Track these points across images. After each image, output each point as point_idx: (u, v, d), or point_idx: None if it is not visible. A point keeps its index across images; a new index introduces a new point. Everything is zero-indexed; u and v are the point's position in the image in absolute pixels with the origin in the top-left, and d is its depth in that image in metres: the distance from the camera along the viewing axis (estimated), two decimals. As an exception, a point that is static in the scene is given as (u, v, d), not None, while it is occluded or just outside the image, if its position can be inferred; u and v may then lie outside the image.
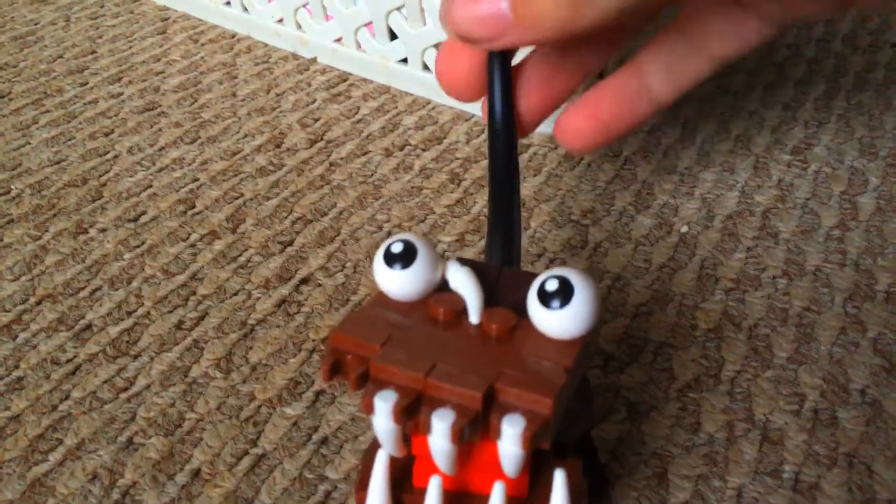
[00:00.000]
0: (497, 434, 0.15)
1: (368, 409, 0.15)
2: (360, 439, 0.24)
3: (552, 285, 0.16)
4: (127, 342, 0.27)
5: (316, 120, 0.38)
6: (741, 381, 0.25)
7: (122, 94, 0.41)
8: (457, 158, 0.35)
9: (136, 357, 0.27)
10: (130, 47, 0.45)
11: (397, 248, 0.17)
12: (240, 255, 0.30)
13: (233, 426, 0.24)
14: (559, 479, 0.17)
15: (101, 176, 0.35)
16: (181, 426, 0.24)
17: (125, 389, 0.25)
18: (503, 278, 0.18)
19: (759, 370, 0.25)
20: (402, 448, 0.16)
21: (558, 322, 0.16)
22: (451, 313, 0.17)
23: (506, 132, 0.21)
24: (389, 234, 0.31)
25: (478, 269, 0.18)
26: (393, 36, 0.39)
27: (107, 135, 0.38)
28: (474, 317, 0.17)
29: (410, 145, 0.36)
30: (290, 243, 0.31)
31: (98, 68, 0.43)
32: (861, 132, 0.36)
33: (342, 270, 0.30)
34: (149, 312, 0.28)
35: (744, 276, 0.29)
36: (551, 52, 0.22)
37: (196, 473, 0.23)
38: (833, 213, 0.31)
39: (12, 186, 0.34)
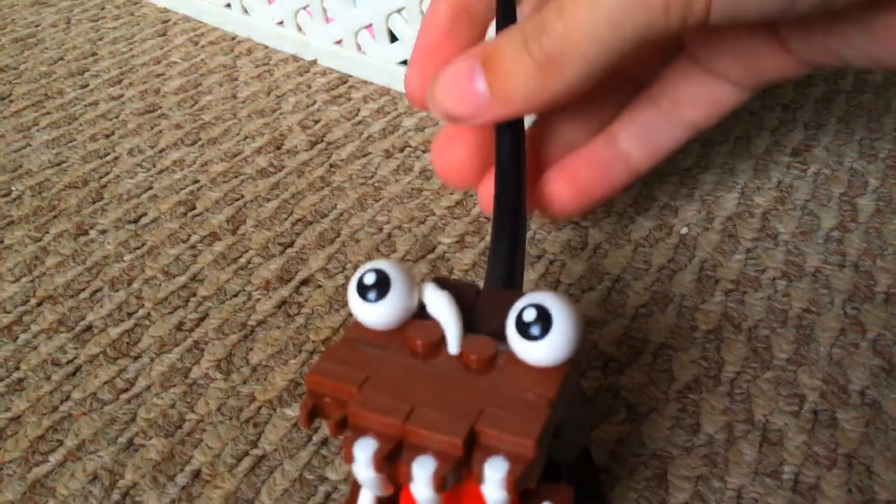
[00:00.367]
0: (480, 480, 0.15)
1: (348, 458, 0.15)
2: (360, 440, 0.24)
3: (530, 315, 0.15)
4: (127, 343, 0.27)
5: (316, 122, 0.38)
6: (741, 382, 0.25)
7: (122, 95, 0.41)
8: (457, 160, 0.35)
9: (136, 358, 0.27)
10: (131, 49, 0.45)
11: (370, 279, 0.16)
12: (240, 257, 0.30)
13: (233, 427, 0.24)
14: None
15: (101, 178, 0.35)
16: (181, 427, 0.24)
17: (125, 390, 0.26)
18: (482, 300, 0.18)
19: (759, 371, 0.25)
20: (388, 488, 0.16)
21: (539, 352, 0.16)
22: (429, 345, 0.16)
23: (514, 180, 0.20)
24: (390, 235, 0.31)
25: (455, 292, 0.17)
26: (393, 38, 0.39)
27: (107, 136, 0.38)
28: (454, 347, 0.16)
29: (411, 147, 0.36)
30: (291, 245, 0.31)
31: (99, 70, 0.43)
32: (861, 134, 0.36)
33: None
34: (149, 314, 0.28)
35: (743, 278, 0.29)
36: (559, 114, 0.23)
37: (196, 474, 0.23)
38: (832, 215, 0.31)
39: (13, 188, 0.34)
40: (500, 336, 0.16)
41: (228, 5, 0.46)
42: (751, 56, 0.21)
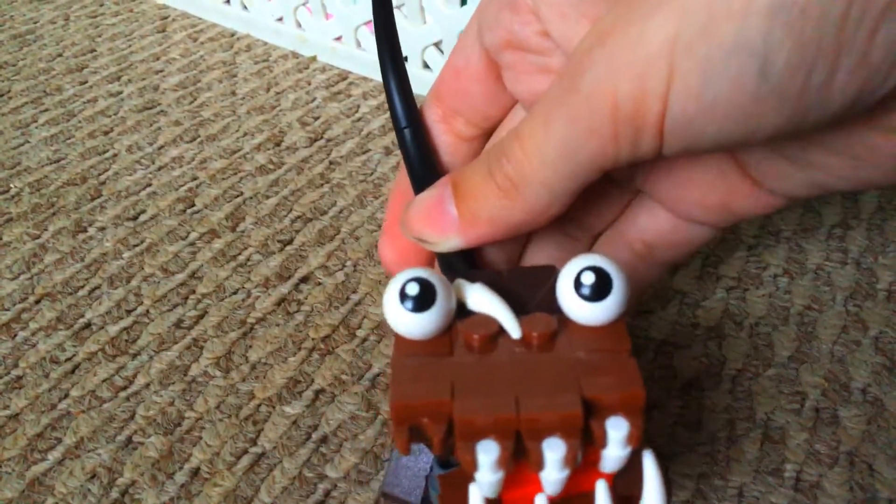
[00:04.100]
0: (603, 443, 0.15)
1: (472, 466, 0.15)
2: (359, 438, 0.24)
3: (589, 278, 0.16)
4: (126, 341, 0.27)
5: (316, 118, 0.38)
6: (742, 379, 0.25)
7: (121, 92, 0.41)
8: (457, 157, 0.35)
9: (135, 356, 0.26)
10: (130, 46, 0.45)
11: (413, 289, 0.16)
12: (239, 254, 0.30)
13: (232, 425, 0.24)
14: (649, 460, 0.16)
15: (100, 174, 0.35)
16: (180, 425, 0.24)
17: (124, 388, 0.25)
18: (509, 282, 0.18)
19: (761, 369, 0.25)
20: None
21: (603, 312, 0.16)
22: (488, 338, 0.16)
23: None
24: (389, 232, 0.31)
25: (486, 281, 0.17)
26: (393, 34, 0.39)
27: (106, 133, 0.37)
28: (516, 332, 0.16)
29: (410, 144, 0.36)
30: (290, 242, 0.31)
31: (97, 67, 0.43)
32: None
33: (342, 269, 0.30)
34: (148, 311, 0.28)
35: (745, 275, 0.28)
36: (543, 239, 0.22)
37: (195, 472, 0.23)
38: (835, 212, 0.31)
39: (11, 185, 0.34)
40: (545, 309, 0.16)
41: (228, 1, 0.46)
42: (715, 193, 0.20)
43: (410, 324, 0.16)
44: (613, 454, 0.15)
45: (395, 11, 0.38)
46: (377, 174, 0.34)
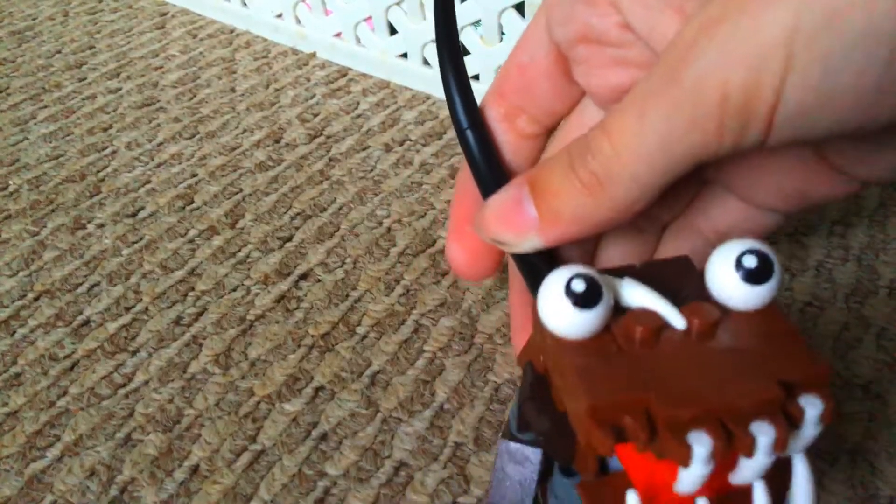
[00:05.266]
0: (799, 423, 0.15)
1: (686, 460, 0.14)
2: (358, 435, 0.24)
3: (752, 261, 0.16)
4: (125, 338, 0.27)
5: (315, 115, 0.38)
6: (743, 376, 0.25)
7: (120, 89, 0.40)
8: (457, 153, 0.35)
9: (134, 353, 0.26)
10: (129, 42, 0.45)
11: (579, 286, 0.15)
12: (239, 251, 0.30)
13: (232, 422, 0.24)
14: (801, 462, 0.16)
15: (99, 171, 0.35)
16: (180, 422, 0.24)
17: (123, 385, 0.25)
18: (648, 275, 0.17)
19: (762, 366, 0.25)
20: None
21: (765, 294, 0.16)
22: (654, 329, 0.16)
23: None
24: (389, 229, 0.31)
25: (631, 275, 0.17)
26: (393, 31, 0.39)
27: (105, 130, 0.37)
28: (680, 323, 0.16)
29: (410, 140, 0.36)
30: (290, 239, 0.31)
31: (96, 63, 0.43)
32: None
33: (342, 266, 0.29)
34: (147, 308, 0.28)
35: (746, 272, 0.28)
36: (608, 237, 0.22)
37: (195, 470, 0.23)
38: (836, 208, 0.31)
39: (10, 182, 0.34)
40: (696, 298, 0.16)
41: (227, -2, 0.45)
42: (792, 181, 0.20)
43: (577, 322, 0.16)
44: (808, 433, 0.15)
45: (394, 8, 0.38)
46: (377, 171, 0.34)
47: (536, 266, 0.19)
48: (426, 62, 0.39)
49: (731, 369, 0.15)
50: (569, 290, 0.15)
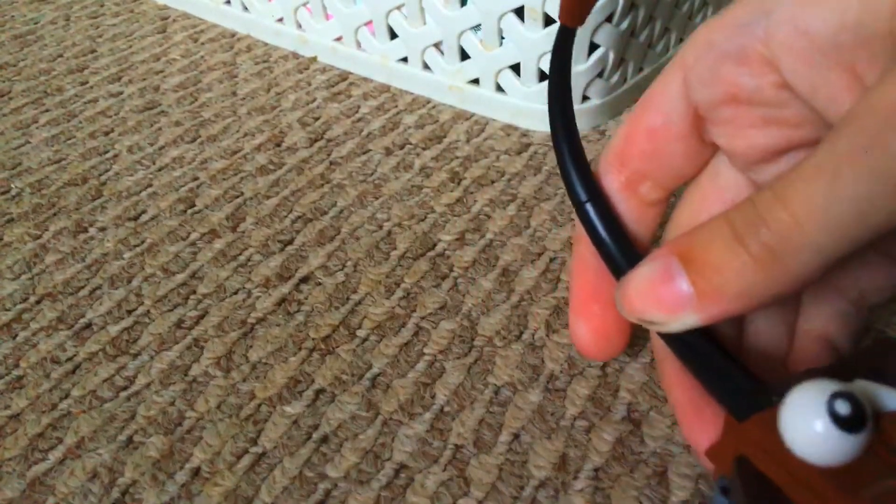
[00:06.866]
0: None
1: None
2: (359, 437, 0.24)
3: None
4: (127, 341, 0.27)
5: (316, 119, 0.38)
6: (742, 379, 0.25)
7: (122, 93, 0.41)
8: (457, 157, 0.35)
9: (136, 356, 0.27)
10: (130, 46, 0.45)
11: (844, 408, 0.14)
12: (240, 254, 0.30)
13: (233, 425, 0.24)
14: None
15: (101, 175, 0.35)
16: (181, 425, 0.24)
17: (125, 388, 0.25)
18: (872, 366, 0.16)
19: (760, 369, 0.25)
20: None
21: None
22: None
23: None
24: (390, 232, 0.31)
25: (869, 377, 0.15)
26: (393, 35, 0.39)
27: (107, 134, 0.38)
28: None
29: (411, 144, 0.36)
30: (290, 242, 0.31)
31: (98, 67, 0.43)
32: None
33: (342, 269, 0.30)
34: (149, 311, 0.28)
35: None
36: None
37: (196, 472, 0.23)
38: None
39: (12, 185, 0.34)
40: None
41: (228, 2, 0.46)
42: None
43: (844, 449, 0.14)
44: None
45: (395, 13, 0.38)
46: (377, 174, 0.34)
47: (691, 345, 0.18)
48: (426, 66, 0.39)
49: None
50: (832, 413, 0.14)
